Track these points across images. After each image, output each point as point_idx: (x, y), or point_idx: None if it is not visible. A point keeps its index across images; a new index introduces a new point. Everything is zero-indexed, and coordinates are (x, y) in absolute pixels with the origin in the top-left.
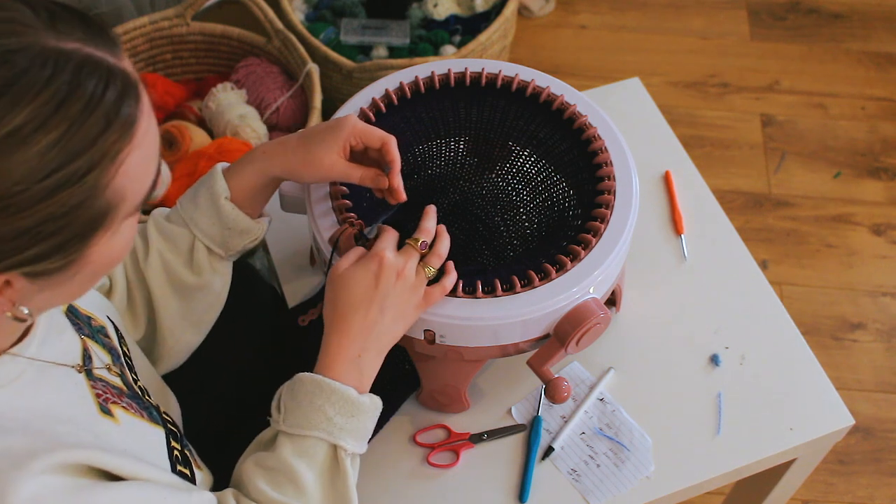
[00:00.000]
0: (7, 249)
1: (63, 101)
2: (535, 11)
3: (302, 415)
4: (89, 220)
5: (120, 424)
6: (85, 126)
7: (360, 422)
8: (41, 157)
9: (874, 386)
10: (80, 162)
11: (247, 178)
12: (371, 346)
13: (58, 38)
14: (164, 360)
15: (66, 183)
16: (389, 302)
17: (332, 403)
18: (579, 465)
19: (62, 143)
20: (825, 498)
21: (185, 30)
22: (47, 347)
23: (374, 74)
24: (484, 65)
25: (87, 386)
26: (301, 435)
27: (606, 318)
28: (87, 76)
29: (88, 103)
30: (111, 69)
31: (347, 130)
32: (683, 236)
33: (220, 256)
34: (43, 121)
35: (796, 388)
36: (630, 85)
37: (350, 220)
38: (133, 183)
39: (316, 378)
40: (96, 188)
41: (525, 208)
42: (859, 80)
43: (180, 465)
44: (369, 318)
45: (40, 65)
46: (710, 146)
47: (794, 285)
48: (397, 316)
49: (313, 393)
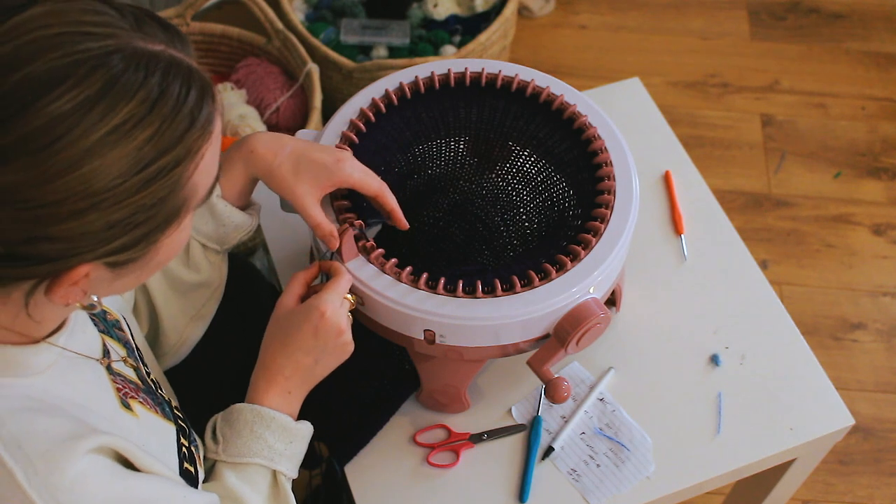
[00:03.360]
0: (98, 240)
1: (157, 100)
2: (535, 11)
3: (242, 443)
4: (170, 211)
5: (139, 419)
6: (174, 124)
7: (297, 447)
8: (138, 151)
9: (874, 386)
10: (169, 157)
11: (236, 176)
12: (302, 385)
13: (145, 40)
14: (168, 356)
15: (157, 177)
16: (325, 355)
17: (272, 431)
18: (579, 465)
19: (155, 140)
20: (825, 498)
21: (185, 30)
22: (75, 340)
23: (374, 74)
24: (484, 65)
25: (109, 380)
26: (242, 462)
27: (606, 318)
28: (175, 77)
29: (177, 102)
30: (192, 70)
31: (340, 179)
32: (683, 236)
33: (216, 251)
34: (141, 118)
35: (796, 388)
36: (630, 85)
37: (350, 220)
38: (206, 178)
39: (255, 408)
40: (179, 182)
41: (525, 208)
42: (859, 80)
43: (187, 462)
44: (302, 365)
45: (135, 66)
46: (710, 146)
47: (794, 285)
48: (328, 364)
49: (253, 422)
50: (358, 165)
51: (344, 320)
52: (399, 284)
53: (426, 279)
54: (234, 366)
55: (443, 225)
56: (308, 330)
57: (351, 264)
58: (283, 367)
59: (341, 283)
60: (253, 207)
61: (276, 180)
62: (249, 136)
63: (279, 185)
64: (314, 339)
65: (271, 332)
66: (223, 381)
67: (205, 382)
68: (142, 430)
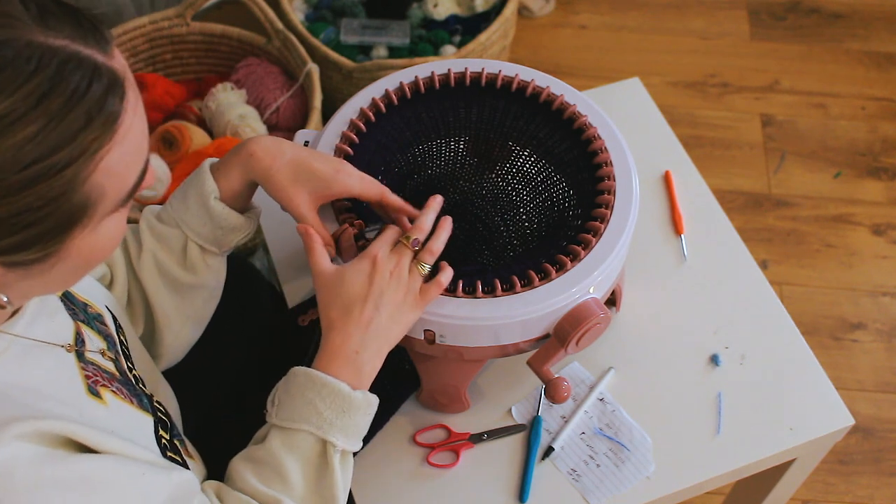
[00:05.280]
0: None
1: (44, 96)
2: (535, 11)
3: (293, 408)
4: (67, 213)
5: (108, 406)
6: (65, 121)
7: (352, 418)
8: (18, 149)
9: (874, 386)
10: (59, 156)
11: (234, 178)
12: (369, 343)
13: (46, 33)
14: (165, 356)
15: (43, 175)
16: (385, 300)
17: (322, 398)
18: (579, 465)
19: (40, 137)
20: (825, 498)
21: (184, 30)
22: (36, 327)
23: (374, 74)
24: (484, 65)
25: (77, 367)
26: (290, 428)
27: (606, 318)
28: (71, 72)
29: (70, 99)
30: (97, 66)
31: (340, 190)
32: (683, 236)
33: (214, 253)
34: (23, 113)
35: (796, 388)
36: (630, 85)
37: (350, 220)
38: (114, 180)
39: (308, 371)
40: (74, 182)
41: (525, 208)
42: (859, 80)
43: (170, 451)
44: (365, 316)
45: (25, 59)
46: (710, 146)
47: (794, 285)
48: (394, 314)
49: (305, 386)
50: (356, 174)
51: (395, 260)
52: None
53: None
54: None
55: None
56: (361, 279)
57: None
58: (344, 325)
59: (388, 233)
60: (252, 211)
61: (274, 186)
62: (250, 139)
63: (276, 191)
64: (369, 285)
65: (323, 299)
66: (223, 381)
67: (204, 382)
68: (110, 417)
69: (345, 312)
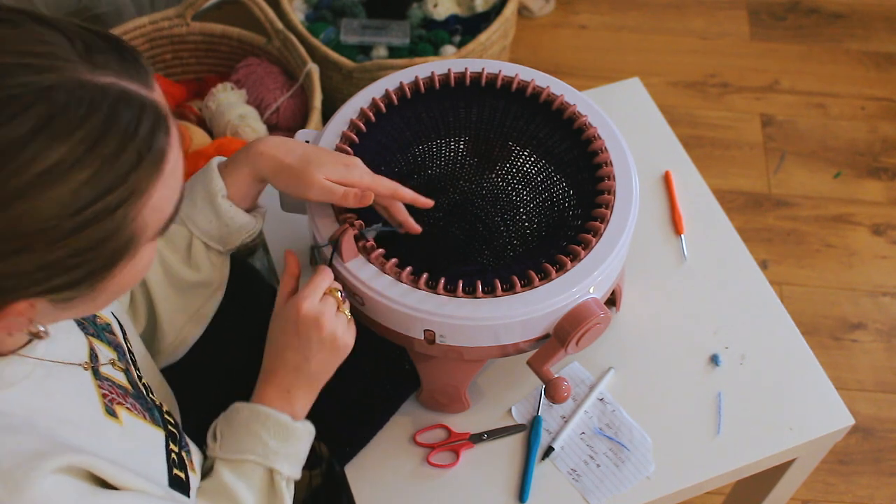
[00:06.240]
0: (32, 281)
1: (98, 140)
2: (535, 11)
3: (237, 440)
4: (115, 251)
5: (122, 426)
6: (118, 163)
7: (294, 446)
8: (74, 194)
9: (874, 386)
10: (111, 198)
11: (242, 177)
12: (300, 384)
13: (93, 71)
14: (165, 354)
15: (95, 218)
16: (312, 351)
17: (267, 428)
18: (579, 464)
19: (95, 181)
20: (825, 498)
21: (184, 30)
22: (55, 347)
23: (374, 74)
24: (484, 65)
25: (94, 385)
26: (237, 459)
27: (606, 318)
28: (122, 112)
29: (122, 140)
30: (143, 103)
31: (352, 180)
32: (683, 236)
33: (219, 251)
34: (77, 158)
35: (796, 388)
36: (630, 85)
37: (350, 220)
38: (157, 214)
39: (251, 405)
40: (124, 222)
41: (525, 208)
42: (859, 80)
43: (176, 468)
44: (293, 363)
45: (77, 102)
46: (710, 146)
47: (794, 285)
48: (323, 361)
49: (249, 419)
50: (367, 170)
51: (326, 316)
52: (399, 284)
53: (426, 279)
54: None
55: (443, 225)
56: (289, 328)
57: (351, 264)
58: (277, 366)
59: (317, 280)
60: (258, 210)
61: (285, 175)
62: (258, 140)
63: (287, 177)
64: (296, 336)
65: (269, 333)
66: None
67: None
68: (124, 439)
69: (276, 354)
